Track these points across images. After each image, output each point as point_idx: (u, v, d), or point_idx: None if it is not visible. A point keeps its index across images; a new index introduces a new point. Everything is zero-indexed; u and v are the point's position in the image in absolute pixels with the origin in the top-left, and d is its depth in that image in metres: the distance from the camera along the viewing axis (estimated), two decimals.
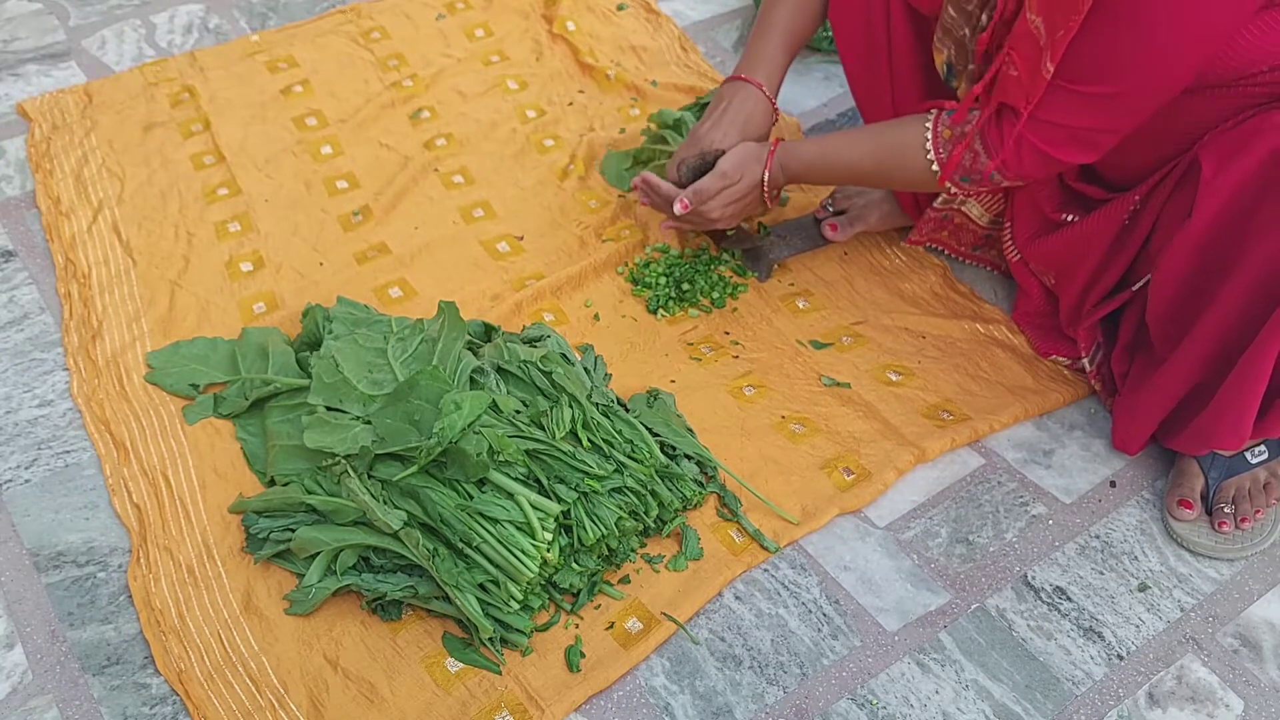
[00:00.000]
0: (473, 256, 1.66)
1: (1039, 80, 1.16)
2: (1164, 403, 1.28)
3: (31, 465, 1.38)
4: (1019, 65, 1.19)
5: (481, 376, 1.30)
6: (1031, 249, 1.45)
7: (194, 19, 2.17)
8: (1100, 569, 1.29)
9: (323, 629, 1.20)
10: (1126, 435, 1.36)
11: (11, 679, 1.18)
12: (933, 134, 1.32)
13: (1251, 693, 1.18)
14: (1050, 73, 1.14)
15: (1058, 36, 1.11)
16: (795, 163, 1.45)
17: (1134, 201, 1.29)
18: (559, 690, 1.15)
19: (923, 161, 1.33)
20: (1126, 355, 1.38)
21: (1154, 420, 1.31)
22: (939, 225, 1.57)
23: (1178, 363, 1.23)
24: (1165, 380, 1.26)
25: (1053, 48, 1.13)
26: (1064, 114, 1.18)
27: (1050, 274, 1.46)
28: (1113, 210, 1.32)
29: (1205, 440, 1.26)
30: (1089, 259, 1.36)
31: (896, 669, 1.19)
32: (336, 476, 1.23)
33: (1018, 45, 1.19)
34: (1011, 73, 1.21)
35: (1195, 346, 1.20)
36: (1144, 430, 1.33)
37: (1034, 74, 1.17)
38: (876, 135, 1.40)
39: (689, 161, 1.48)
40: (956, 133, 1.30)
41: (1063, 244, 1.39)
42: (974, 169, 1.29)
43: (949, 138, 1.30)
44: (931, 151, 1.32)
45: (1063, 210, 1.40)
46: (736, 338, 1.53)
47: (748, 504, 1.32)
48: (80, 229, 1.68)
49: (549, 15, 2.15)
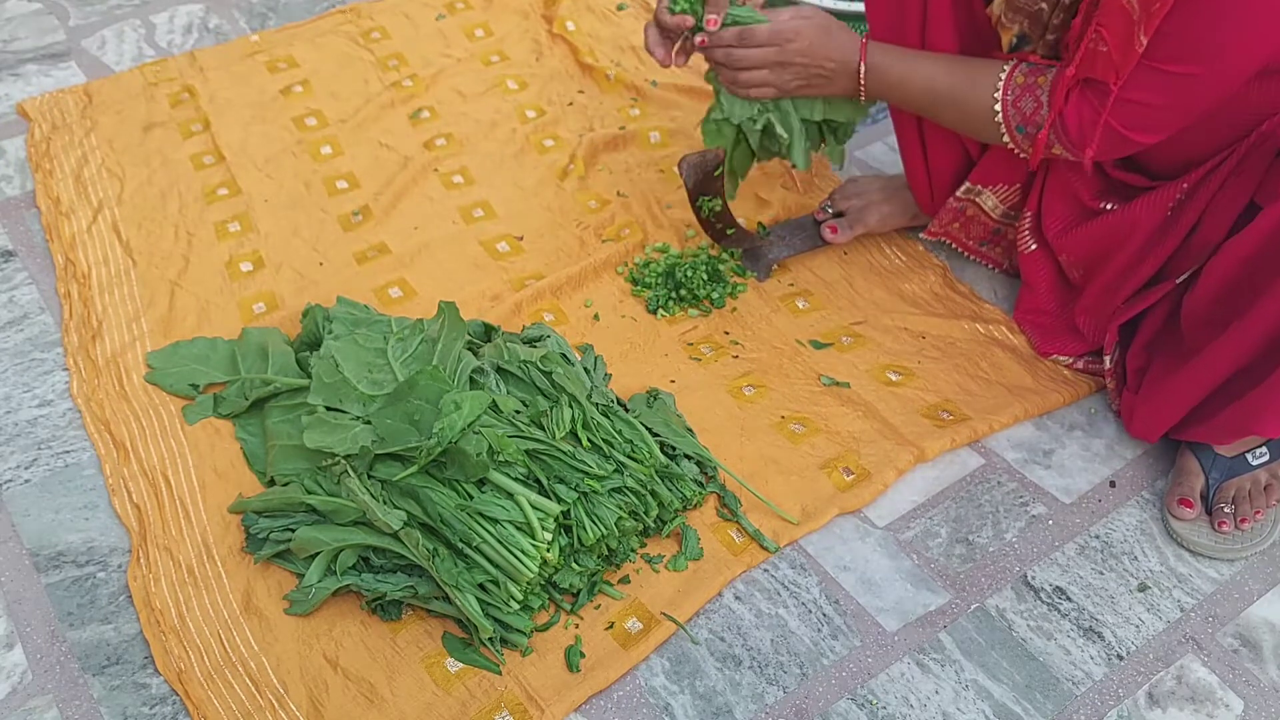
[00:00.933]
0: (472, 256, 1.66)
1: (1131, 54, 1.13)
2: (1197, 390, 1.26)
3: (31, 465, 1.38)
4: (1109, 40, 1.15)
5: (481, 376, 1.30)
6: (1064, 239, 1.42)
7: (194, 19, 2.17)
8: (1100, 569, 1.29)
9: (322, 629, 1.20)
10: (1149, 423, 1.34)
11: (11, 679, 1.18)
12: (1007, 76, 1.29)
13: (1251, 693, 1.18)
14: (1144, 45, 1.11)
15: (1153, 9, 1.08)
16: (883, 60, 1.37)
17: (1181, 190, 1.27)
18: (559, 690, 1.15)
19: (989, 97, 1.30)
20: (1145, 351, 1.36)
21: (1182, 409, 1.29)
22: (955, 216, 1.56)
23: (1222, 348, 1.20)
24: (1202, 368, 1.23)
25: (1147, 20, 1.10)
26: (1145, 92, 1.15)
27: (1079, 265, 1.43)
28: (1157, 199, 1.29)
29: (1245, 425, 1.23)
30: (1126, 250, 1.33)
31: (896, 669, 1.19)
32: (336, 476, 1.23)
33: (1108, 20, 1.16)
34: (1101, 48, 1.17)
35: (1246, 332, 1.17)
36: (1170, 418, 1.31)
37: (1126, 49, 1.13)
38: (956, 63, 1.35)
39: (690, 159, 1.48)
40: (1029, 81, 1.27)
41: (1099, 233, 1.36)
42: (1032, 119, 1.26)
43: (1021, 83, 1.28)
44: (1000, 90, 1.29)
45: (1101, 198, 1.37)
46: (736, 338, 1.53)
47: (747, 504, 1.32)
48: (80, 229, 1.68)
49: (549, 15, 2.15)
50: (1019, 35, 1.33)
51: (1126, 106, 1.18)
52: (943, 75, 1.35)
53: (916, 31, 1.40)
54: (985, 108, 1.31)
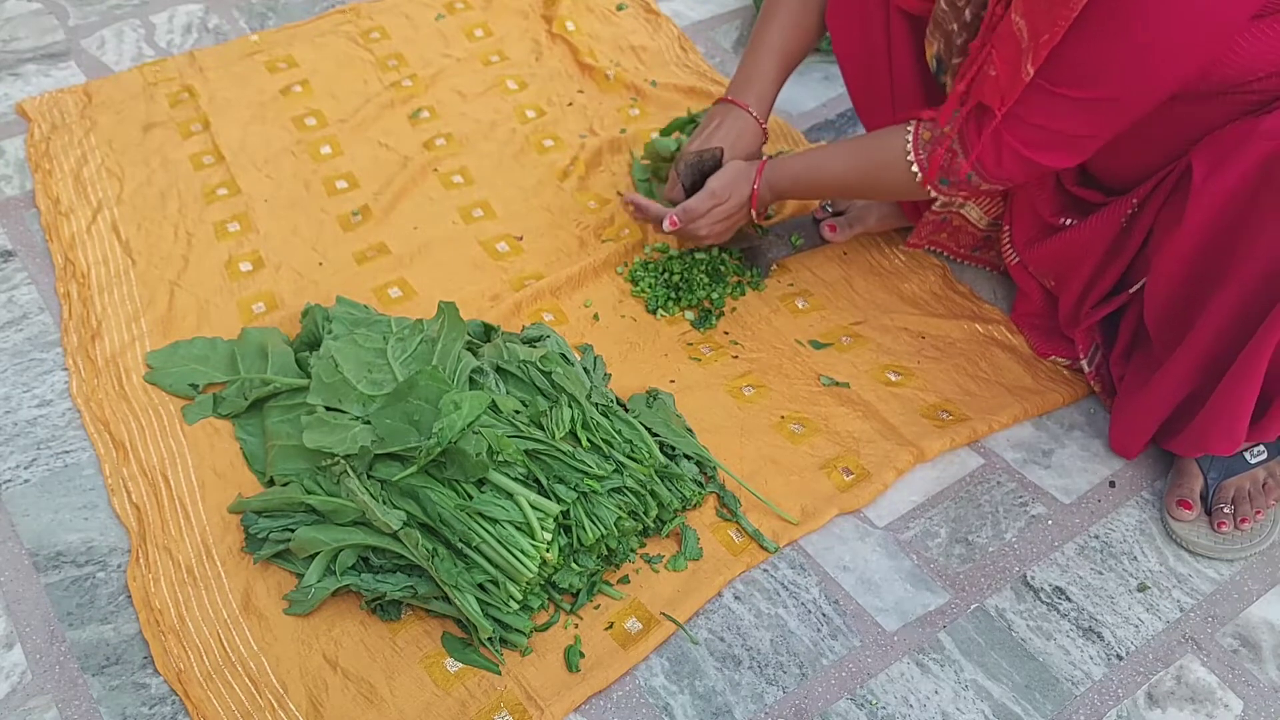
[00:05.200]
0: (472, 256, 1.66)
1: (1017, 82, 1.16)
2: (1161, 407, 1.28)
3: (31, 465, 1.38)
4: (998, 65, 1.19)
5: (481, 376, 1.30)
6: (1030, 253, 1.45)
7: (193, 19, 2.17)
8: (1099, 569, 1.29)
9: (322, 629, 1.20)
10: (1125, 440, 1.37)
11: (11, 679, 1.17)
12: (913, 139, 1.32)
13: (1251, 693, 1.18)
14: (1030, 75, 1.14)
15: (1041, 40, 1.11)
16: (782, 179, 1.45)
17: (1131, 205, 1.29)
18: (558, 690, 1.15)
19: (905, 168, 1.33)
20: (1124, 360, 1.38)
21: (1151, 425, 1.31)
22: (938, 228, 1.57)
23: (1173, 367, 1.23)
24: (1162, 385, 1.26)
25: (1035, 51, 1.12)
26: (1045, 116, 1.18)
27: (1049, 277, 1.46)
28: (1109, 214, 1.32)
29: (1200, 444, 1.26)
30: (1087, 262, 1.36)
31: (896, 669, 1.19)
32: (336, 476, 1.23)
33: (999, 45, 1.18)
34: (990, 72, 1.20)
35: (1190, 351, 1.20)
36: (1141, 435, 1.33)
37: (1013, 76, 1.16)
38: (859, 146, 1.41)
39: (688, 159, 1.49)
40: (936, 134, 1.29)
41: (1061, 248, 1.39)
42: (951, 169, 1.29)
43: (929, 139, 1.30)
44: (912, 155, 1.32)
45: (1060, 214, 1.40)
46: (736, 338, 1.53)
47: (747, 504, 1.32)
48: (79, 229, 1.68)
49: (548, 15, 2.15)
50: (936, 57, 1.35)
51: (1025, 129, 1.20)
52: (845, 163, 1.41)
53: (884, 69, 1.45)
54: (902, 173, 1.34)
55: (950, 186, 1.31)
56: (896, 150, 1.33)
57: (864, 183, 1.41)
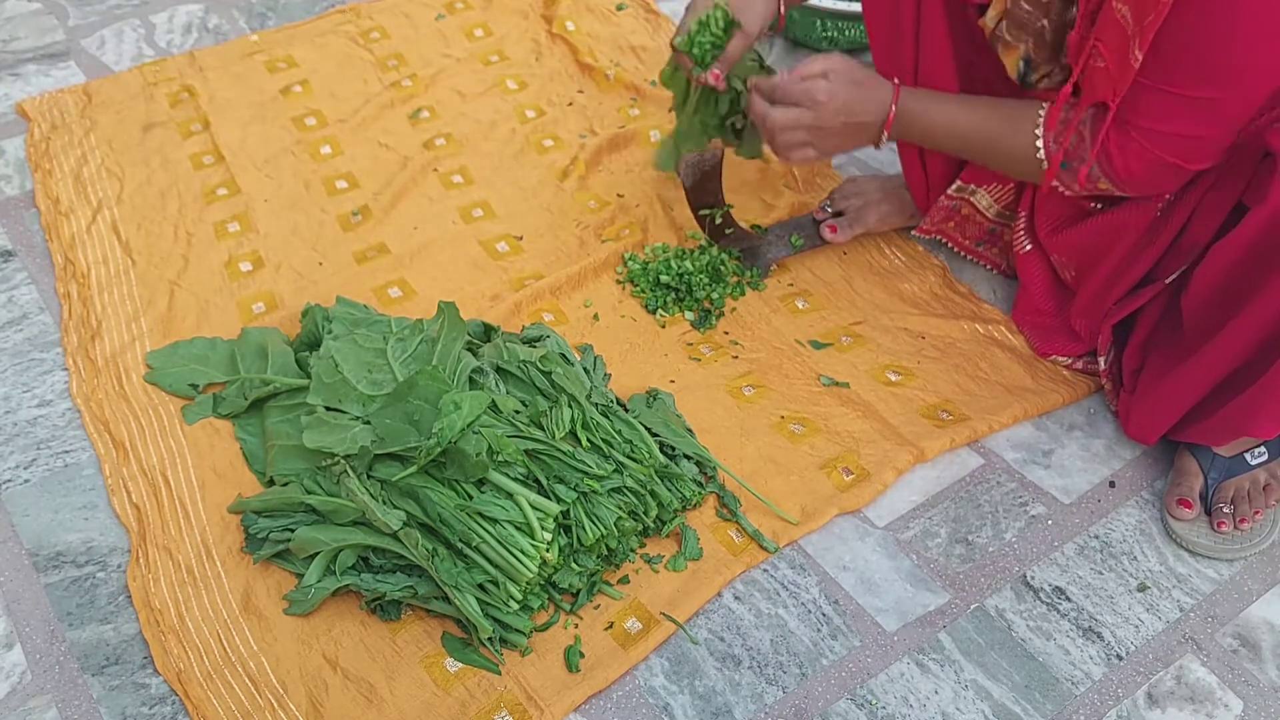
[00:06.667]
0: (472, 256, 1.66)
1: (1127, 70, 1.12)
2: (1191, 392, 1.26)
3: (31, 465, 1.38)
4: (1106, 55, 1.15)
5: (481, 377, 1.30)
6: (1055, 239, 1.41)
7: (193, 19, 2.17)
8: (1099, 569, 1.29)
9: (322, 629, 1.20)
10: (1145, 426, 1.34)
11: (10, 679, 1.17)
12: (1048, 114, 1.25)
13: (1250, 693, 1.18)
14: (1139, 60, 1.10)
15: (1146, 22, 1.08)
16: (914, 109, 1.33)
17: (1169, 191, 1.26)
18: (558, 690, 1.15)
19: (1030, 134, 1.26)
20: (1140, 352, 1.36)
21: (1178, 410, 1.28)
22: (948, 215, 1.56)
23: (1213, 351, 1.20)
24: (1195, 369, 1.23)
25: (1141, 34, 1.09)
26: (1159, 119, 1.14)
27: (1071, 267, 1.43)
28: (1145, 200, 1.28)
29: (1240, 428, 1.23)
30: (1116, 251, 1.33)
31: (896, 669, 1.19)
32: (336, 476, 1.23)
33: (1104, 34, 1.15)
34: (1099, 64, 1.16)
35: (1238, 334, 1.17)
36: (1166, 420, 1.31)
37: (1122, 64, 1.13)
38: (993, 103, 1.33)
39: (690, 159, 1.48)
40: (1065, 117, 1.24)
41: (1089, 233, 1.35)
42: (1076, 154, 1.24)
43: (1063, 119, 1.25)
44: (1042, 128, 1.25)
45: (1093, 198, 1.36)
46: (736, 338, 1.53)
47: (747, 504, 1.32)
48: (79, 229, 1.68)
49: (548, 15, 2.15)
50: (1024, 58, 1.31)
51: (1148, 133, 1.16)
52: (976, 118, 1.32)
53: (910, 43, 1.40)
54: (1025, 146, 1.28)
55: (1069, 173, 1.25)
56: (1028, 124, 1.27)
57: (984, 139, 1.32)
